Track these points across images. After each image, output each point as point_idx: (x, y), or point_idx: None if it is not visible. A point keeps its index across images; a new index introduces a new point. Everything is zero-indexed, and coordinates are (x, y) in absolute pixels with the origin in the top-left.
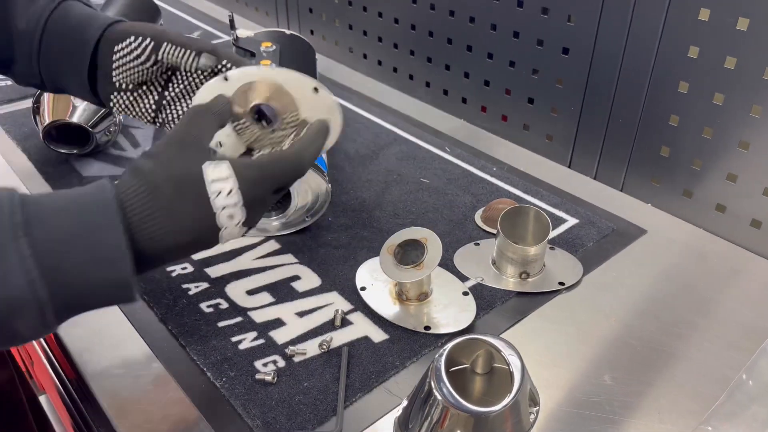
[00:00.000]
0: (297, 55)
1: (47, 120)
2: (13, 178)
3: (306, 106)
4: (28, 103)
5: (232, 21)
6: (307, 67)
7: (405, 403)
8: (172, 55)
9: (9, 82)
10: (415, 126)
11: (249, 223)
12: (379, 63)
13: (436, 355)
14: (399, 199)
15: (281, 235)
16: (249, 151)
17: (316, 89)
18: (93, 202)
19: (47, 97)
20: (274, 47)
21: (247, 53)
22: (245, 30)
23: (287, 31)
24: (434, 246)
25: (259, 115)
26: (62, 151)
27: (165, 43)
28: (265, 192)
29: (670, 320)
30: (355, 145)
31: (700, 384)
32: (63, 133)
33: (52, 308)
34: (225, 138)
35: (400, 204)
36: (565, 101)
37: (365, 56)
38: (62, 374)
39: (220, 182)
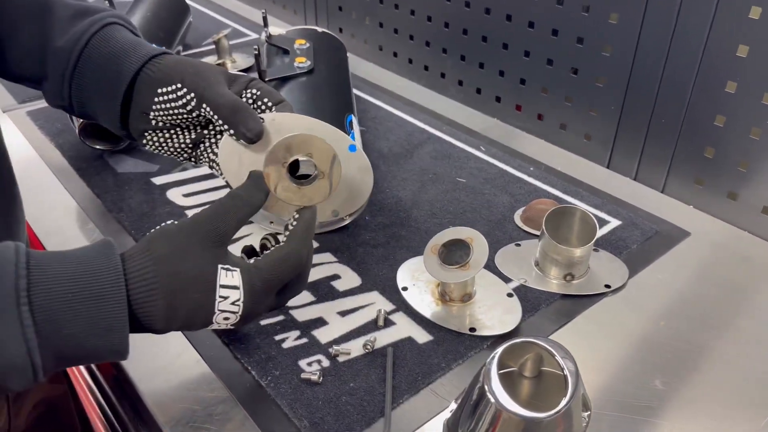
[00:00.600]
0: (329, 53)
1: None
2: (48, 174)
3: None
4: None
5: (265, 19)
6: (339, 65)
7: (453, 405)
8: (212, 116)
9: None
10: (447, 125)
11: (240, 325)
12: (410, 61)
13: (489, 358)
14: (436, 198)
15: (319, 234)
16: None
17: (352, 147)
18: (99, 271)
19: None
20: (308, 45)
21: (280, 51)
22: (276, 28)
23: (319, 29)
24: (480, 246)
25: (292, 168)
26: (97, 147)
27: (205, 105)
28: (267, 297)
29: (718, 324)
30: (388, 143)
31: (754, 390)
32: (98, 129)
33: (42, 371)
34: None
35: (437, 203)
36: (605, 100)
37: (395, 54)
38: (97, 374)
39: (229, 290)
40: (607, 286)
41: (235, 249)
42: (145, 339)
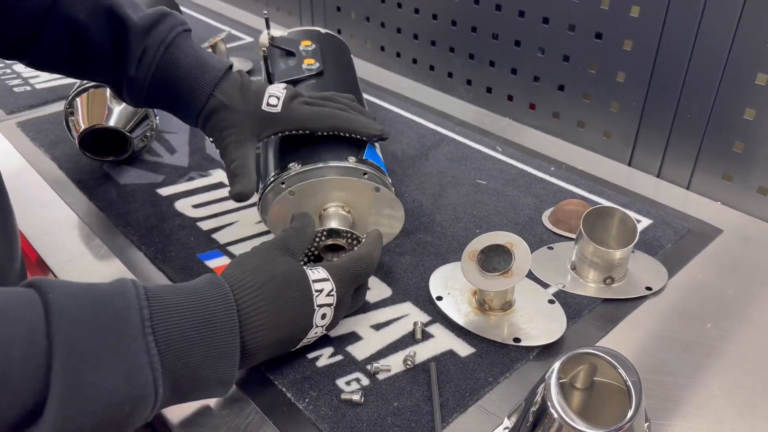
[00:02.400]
0: (335, 55)
1: (83, 126)
2: (45, 187)
3: (370, 205)
4: (49, 109)
5: (267, 21)
6: (345, 65)
7: (507, 422)
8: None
9: (27, 88)
10: (459, 125)
11: (330, 327)
12: (414, 61)
13: (548, 371)
14: (457, 201)
15: None
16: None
17: (377, 189)
18: (212, 299)
19: (81, 102)
20: (314, 46)
21: (284, 52)
22: (277, 29)
23: (322, 30)
24: (521, 251)
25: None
26: (98, 158)
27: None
28: (349, 292)
29: (766, 323)
30: (400, 146)
31: None
32: (98, 139)
33: (159, 404)
34: None
35: (460, 207)
36: (627, 96)
37: (399, 54)
38: None
39: (321, 282)
40: (648, 289)
41: None
42: None
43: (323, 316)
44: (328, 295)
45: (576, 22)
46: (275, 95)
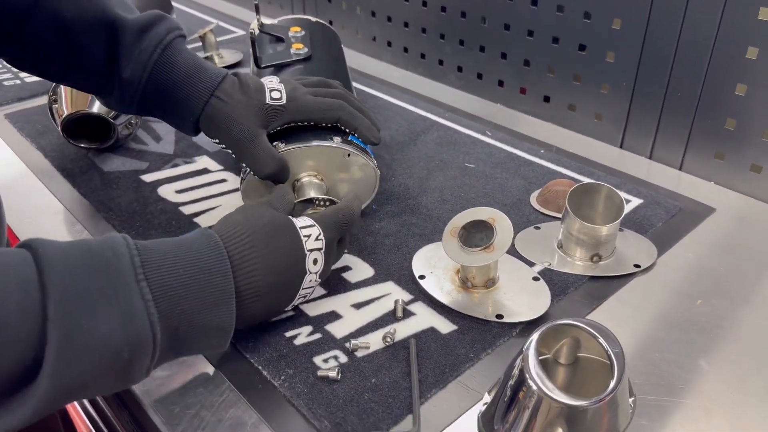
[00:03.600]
0: (323, 41)
1: (66, 112)
2: (30, 176)
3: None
4: (38, 101)
5: (257, 6)
6: (334, 52)
7: (487, 398)
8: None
9: (17, 81)
10: (449, 111)
11: (323, 274)
12: (405, 50)
13: (526, 343)
14: (444, 184)
15: None
16: None
17: (347, 154)
18: (203, 247)
19: (64, 88)
20: (303, 32)
21: (274, 38)
22: (267, 18)
23: (313, 19)
24: (503, 226)
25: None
26: (81, 145)
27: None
28: (335, 239)
29: (759, 301)
30: (389, 132)
31: None
32: (82, 126)
33: (158, 353)
34: None
35: (447, 189)
36: (617, 76)
37: (389, 44)
38: None
39: (308, 228)
40: (637, 266)
41: None
42: None
43: (315, 261)
44: (316, 239)
45: (564, 2)
46: (276, 89)
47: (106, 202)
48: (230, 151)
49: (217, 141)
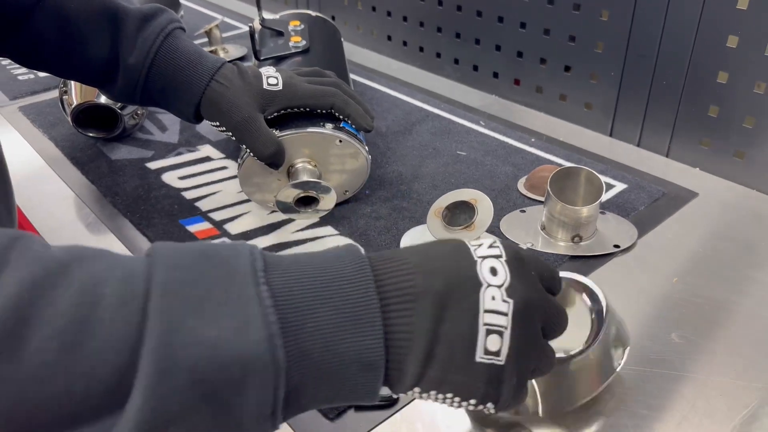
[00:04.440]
0: (322, 35)
1: (75, 102)
2: (42, 165)
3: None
4: (51, 95)
5: (258, 2)
6: (333, 46)
7: None
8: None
9: (31, 76)
10: (446, 102)
11: (517, 313)
12: (404, 44)
13: None
14: (436, 171)
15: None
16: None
17: (340, 140)
18: (341, 256)
19: (74, 81)
20: (303, 26)
21: (275, 33)
22: (269, 13)
23: (313, 13)
24: (484, 206)
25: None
26: (90, 135)
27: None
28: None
29: (734, 279)
30: (386, 122)
31: None
32: (91, 117)
33: (285, 382)
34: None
35: (439, 176)
36: (605, 66)
37: (389, 38)
38: None
39: (496, 315)
40: (617, 246)
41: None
42: None
43: (493, 271)
44: (489, 247)
45: None
46: (273, 76)
47: (112, 188)
48: (230, 134)
49: (218, 124)
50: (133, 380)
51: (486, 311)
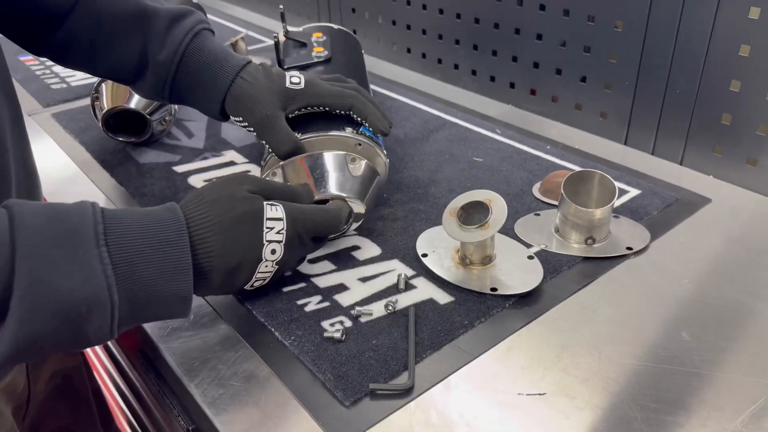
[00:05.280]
0: (343, 46)
1: (106, 107)
2: (73, 168)
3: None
4: (81, 103)
5: (283, 15)
6: (354, 57)
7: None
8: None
9: (63, 85)
10: (463, 111)
11: (284, 263)
12: (423, 56)
13: None
14: (453, 176)
15: None
16: None
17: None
18: (164, 220)
19: (105, 87)
20: (325, 38)
21: (298, 44)
22: (293, 26)
23: (335, 26)
24: (498, 206)
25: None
26: (120, 139)
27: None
28: (305, 236)
29: (745, 281)
30: (404, 129)
31: None
32: (121, 122)
33: (118, 314)
34: None
35: (455, 180)
36: (620, 76)
37: (408, 50)
38: (111, 348)
39: (275, 221)
40: (629, 249)
41: None
42: None
43: (273, 252)
44: (278, 232)
45: (570, 6)
46: (296, 75)
47: (140, 189)
48: (252, 129)
49: (241, 120)
50: (6, 314)
51: (258, 274)
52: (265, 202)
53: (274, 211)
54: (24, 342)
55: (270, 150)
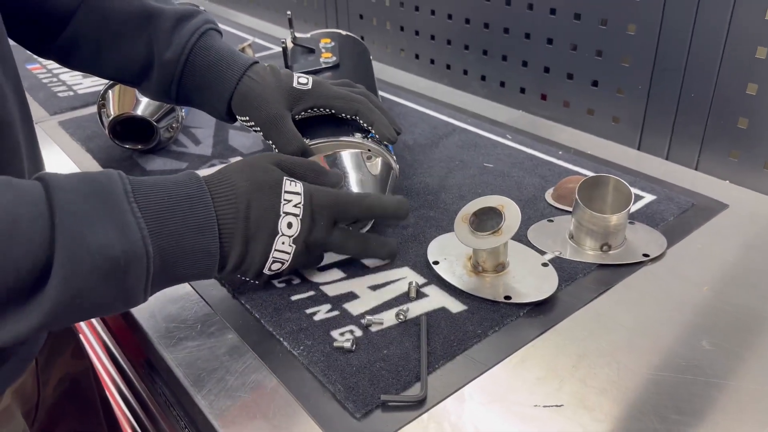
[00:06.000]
0: (351, 52)
1: (113, 114)
2: None
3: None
4: (88, 110)
5: (290, 20)
6: (362, 62)
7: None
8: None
9: (71, 93)
10: (472, 117)
11: (299, 241)
12: (432, 62)
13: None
14: (463, 182)
15: None
16: None
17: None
18: (185, 182)
19: (112, 94)
20: (333, 43)
21: (306, 50)
22: (300, 33)
23: (343, 32)
24: (512, 212)
25: None
26: (126, 146)
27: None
28: (325, 216)
29: (765, 287)
30: (413, 135)
31: None
32: (127, 129)
33: (152, 269)
34: None
35: (465, 187)
36: (632, 80)
37: (417, 56)
38: (116, 356)
39: (292, 194)
40: (646, 255)
41: None
42: (175, 314)
43: (289, 225)
44: (295, 206)
45: (581, 10)
46: (304, 76)
47: None
48: (258, 129)
49: (247, 119)
50: (50, 273)
51: (276, 253)
52: (285, 177)
53: (293, 186)
54: (69, 296)
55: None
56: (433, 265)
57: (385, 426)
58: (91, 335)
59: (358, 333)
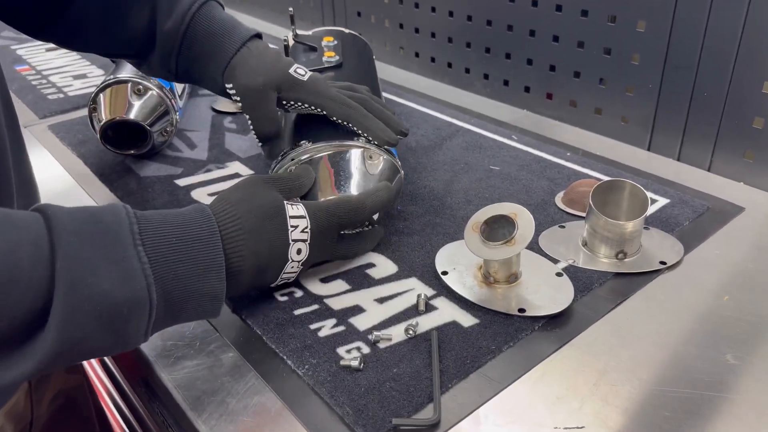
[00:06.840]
0: (354, 50)
1: (104, 119)
2: (70, 182)
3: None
4: (79, 113)
5: (292, 17)
6: (365, 61)
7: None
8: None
9: (60, 95)
10: (476, 117)
11: (308, 263)
12: (432, 60)
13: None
14: (469, 186)
15: None
16: None
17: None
18: (196, 220)
19: (103, 97)
20: (336, 42)
21: (307, 47)
22: (301, 30)
23: (345, 30)
24: (525, 220)
25: None
26: (119, 152)
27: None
28: (328, 232)
29: None
30: (415, 137)
31: None
32: (120, 133)
33: (155, 315)
34: None
35: (472, 191)
36: (642, 79)
37: (417, 54)
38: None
39: (297, 219)
40: (663, 263)
41: None
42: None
43: (299, 251)
44: (302, 231)
45: (589, 6)
46: (302, 68)
47: (141, 204)
48: (239, 100)
49: (231, 86)
50: (46, 320)
51: (284, 275)
52: (285, 201)
53: (295, 209)
54: (66, 345)
55: (282, 154)
56: (442, 276)
57: None
58: None
59: (366, 350)
